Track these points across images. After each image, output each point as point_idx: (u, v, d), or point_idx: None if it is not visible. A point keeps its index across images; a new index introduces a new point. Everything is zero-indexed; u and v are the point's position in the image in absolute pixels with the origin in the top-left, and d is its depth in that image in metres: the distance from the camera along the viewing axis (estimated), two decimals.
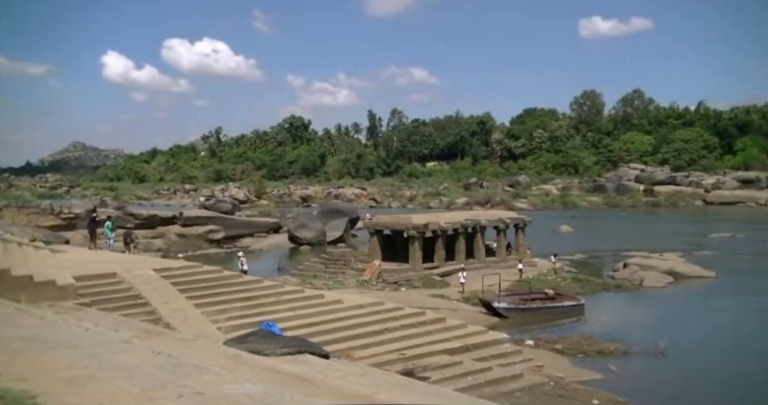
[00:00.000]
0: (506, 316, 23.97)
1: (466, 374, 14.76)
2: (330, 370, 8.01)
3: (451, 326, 17.67)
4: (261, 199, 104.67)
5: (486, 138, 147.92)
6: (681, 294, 29.36)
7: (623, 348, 19.29)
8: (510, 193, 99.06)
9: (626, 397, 14.81)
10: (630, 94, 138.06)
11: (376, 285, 29.36)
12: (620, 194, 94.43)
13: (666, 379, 17.10)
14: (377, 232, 34.01)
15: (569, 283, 30.42)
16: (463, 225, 33.53)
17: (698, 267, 33.82)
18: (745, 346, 20.29)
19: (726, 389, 16.35)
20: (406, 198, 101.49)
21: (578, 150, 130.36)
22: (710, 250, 42.36)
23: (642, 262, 34.21)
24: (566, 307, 25.28)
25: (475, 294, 26.49)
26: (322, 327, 15.41)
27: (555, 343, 19.97)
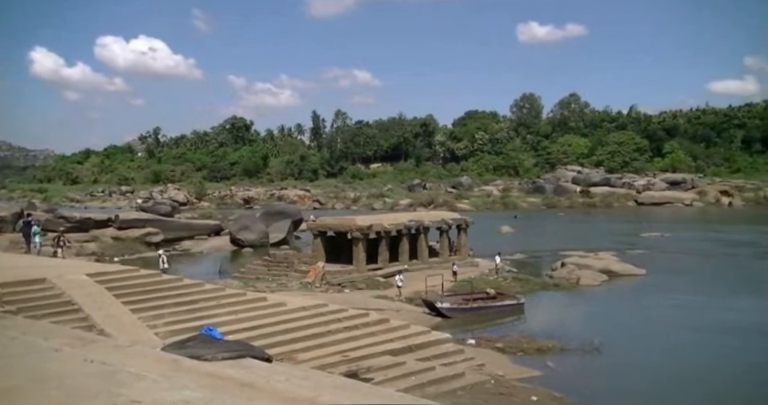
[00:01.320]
0: (448, 316, 24.28)
1: (410, 375, 14.86)
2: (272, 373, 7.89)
3: (395, 327, 17.76)
4: (201, 201, 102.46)
5: (429, 139, 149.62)
6: (614, 292, 30.47)
7: (560, 345, 19.85)
8: (453, 194, 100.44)
9: (562, 393, 15.25)
10: (567, 98, 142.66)
11: (320, 287, 29.20)
12: (558, 195, 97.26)
13: (601, 375, 17.74)
14: (320, 234, 33.85)
15: (509, 283, 31.07)
16: (407, 226, 33.77)
17: (631, 266, 35.19)
18: (673, 342, 21.26)
19: (656, 382, 17.06)
20: (350, 199, 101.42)
21: (518, 152, 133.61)
22: (642, 248, 44.16)
23: (578, 262, 35.33)
24: (507, 306, 25.83)
25: (418, 295, 26.73)
26: (264, 330, 15.21)
27: (496, 342, 20.37)
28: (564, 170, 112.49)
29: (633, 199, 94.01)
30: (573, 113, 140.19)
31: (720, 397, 15.74)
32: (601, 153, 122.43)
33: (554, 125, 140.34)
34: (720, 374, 17.47)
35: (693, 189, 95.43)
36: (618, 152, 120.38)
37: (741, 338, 21.10)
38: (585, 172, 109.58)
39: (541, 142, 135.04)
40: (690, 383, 16.85)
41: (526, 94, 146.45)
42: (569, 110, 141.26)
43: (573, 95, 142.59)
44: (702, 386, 16.51)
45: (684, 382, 16.97)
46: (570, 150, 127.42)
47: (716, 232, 55.48)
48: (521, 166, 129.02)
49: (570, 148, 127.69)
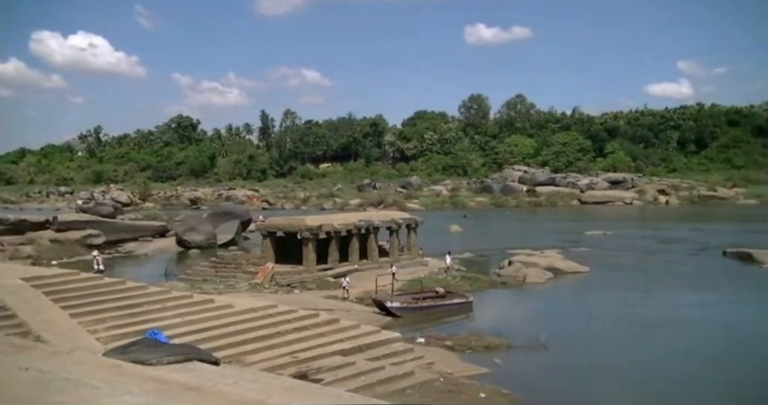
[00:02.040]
0: (398, 315, 24.39)
1: (360, 374, 14.88)
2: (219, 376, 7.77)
3: (345, 327, 17.75)
4: (146, 202, 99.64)
5: (379, 139, 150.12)
6: (559, 290, 31.24)
7: (508, 342, 20.21)
8: (403, 194, 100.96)
9: (510, 389, 15.54)
10: (514, 99, 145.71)
11: (269, 288, 28.88)
12: (505, 194, 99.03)
13: (547, 371, 18.14)
14: (270, 234, 33.47)
15: (458, 281, 31.44)
16: (357, 226, 33.76)
17: (575, 263, 36.16)
18: (616, 337, 21.95)
19: (601, 377, 17.61)
20: (300, 199, 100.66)
21: (467, 152, 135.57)
22: (585, 246, 45.45)
23: (525, 260, 36.05)
24: (456, 305, 26.11)
25: (368, 295, 26.76)
26: (212, 333, 14.96)
27: (445, 340, 20.58)
28: (511, 170, 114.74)
29: (577, 198, 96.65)
30: (519, 114, 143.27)
31: (662, 390, 16.33)
32: (546, 153, 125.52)
33: (501, 125, 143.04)
34: (662, 368, 18.11)
35: (633, 188, 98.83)
36: (562, 152, 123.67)
37: (681, 333, 22.00)
38: (531, 172, 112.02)
39: (488, 143, 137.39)
40: (633, 378, 17.42)
41: (474, 95, 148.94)
42: (515, 110, 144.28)
43: (519, 96, 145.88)
44: (644, 380, 17.09)
45: (627, 376, 17.54)
46: (516, 150, 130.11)
47: (654, 230, 57.67)
48: (469, 166, 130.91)
49: (517, 148, 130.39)
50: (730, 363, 18.44)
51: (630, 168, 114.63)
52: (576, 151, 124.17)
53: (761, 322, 24.19)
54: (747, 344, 20.64)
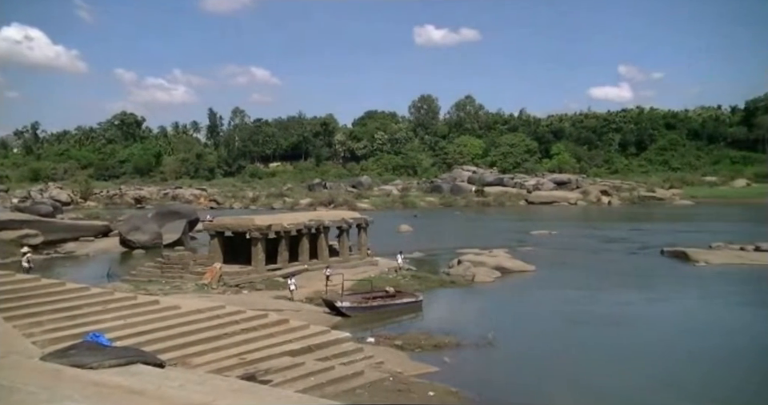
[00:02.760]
0: (348, 315, 24.37)
1: (309, 375, 14.78)
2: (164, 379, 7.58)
3: (294, 328, 17.61)
4: (87, 201, 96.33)
5: (329, 139, 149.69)
6: (507, 288, 31.82)
7: (456, 341, 20.46)
8: (353, 193, 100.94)
9: (458, 387, 15.73)
10: (463, 100, 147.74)
11: (216, 288, 28.36)
12: (455, 194, 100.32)
13: (494, 368, 18.48)
14: (218, 234, 32.90)
15: (408, 281, 31.63)
16: (307, 226, 33.54)
17: (522, 262, 36.91)
18: (561, 335, 22.46)
19: (547, 374, 18.00)
20: (249, 199, 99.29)
21: (417, 152, 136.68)
22: (532, 245, 46.47)
23: (473, 259, 36.58)
24: (406, 304, 26.26)
25: (318, 295, 26.64)
26: (156, 335, 14.58)
27: (395, 340, 20.68)
28: (460, 170, 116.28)
29: (524, 198, 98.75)
30: (468, 115, 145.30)
31: (605, 385, 16.84)
32: (494, 154, 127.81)
33: (450, 126, 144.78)
34: (604, 364, 18.69)
35: (577, 189, 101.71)
36: (510, 153, 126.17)
37: (623, 329, 22.73)
38: (480, 172, 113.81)
39: (438, 143, 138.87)
40: (577, 373, 17.89)
41: (424, 96, 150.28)
42: (464, 111, 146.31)
43: (468, 98, 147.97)
44: (588, 376, 17.59)
45: (571, 372, 17.98)
46: (465, 150, 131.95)
47: (597, 229, 59.47)
48: (419, 165, 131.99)
49: (466, 149, 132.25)
50: (668, 357, 19.17)
51: (574, 169, 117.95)
52: (523, 152, 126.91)
53: (696, 318, 25.28)
54: (684, 339, 21.52)
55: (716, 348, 20.24)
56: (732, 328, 23.36)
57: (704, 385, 16.76)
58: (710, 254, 38.56)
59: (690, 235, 49.19)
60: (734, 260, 37.20)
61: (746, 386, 16.75)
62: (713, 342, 21.00)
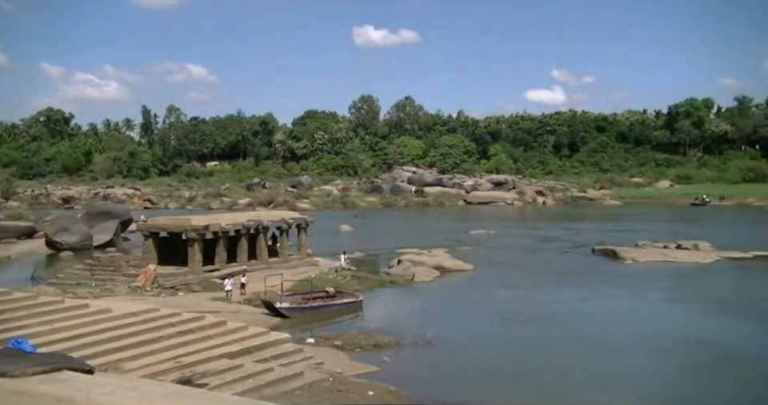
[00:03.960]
0: (288, 316, 24.14)
1: (247, 377, 14.54)
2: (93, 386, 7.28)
3: (232, 330, 17.29)
4: (9, 200, 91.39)
5: (269, 138, 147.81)
6: (446, 287, 32.26)
7: (396, 340, 20.60)
8: (293, 193, 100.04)
9: (397, 386, 15.84)
10: (402, 101, 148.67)
11: (150, 291, 27.52)
12: (395, 194, 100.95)
13: (432, 366, 18.70)
14: (152, 235, 31.92)
15: (349, 281, 31.60)
16: (245, 226, 33.02)
17: (460, 262, 37.51)
18: (498, 332, 23.00)
19: (483, 371, 18.38)
20: (185, 198, 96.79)
21: (357, 153, 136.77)
22: (470, 245, 47.30)
23: (413, 259, 36.90)
24: (346, 304, 26.23)
25: (258, 296, 26.28)
26: (86, 340, 14.01)
27: (335, 340, 20.63)
28: (400, 171, 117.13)
29: (462, 199, 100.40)
30: (408, 115, 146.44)
31: (541, 381, 17.33)
32: (434, 154, 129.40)
33: (390, 126, 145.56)
34: (539, 360, 19.19)
35: (514, 189, 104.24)
36: (449, 154, 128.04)
37: (557, 327, 23.43)
38: (419, 173, 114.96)
39: (378, 143, 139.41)
40: (514, 370, 18.33)
41: (365, 96, 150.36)
42: (404, 112, 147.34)
43: (408, 99, 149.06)
44: (524, 373, 18.04)
45: (508, 369, 18.41)
46: (405, 151, 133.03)
47: (533, 229, 61.18)
48: (359, 166, 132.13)
49: (406, 149, 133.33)
50: (600, 352, 19.95)
51: (511, 170, 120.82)
52: (462, 153, 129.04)
53: (624, 314, 26.41)
54: (614, 334, 22.42)
55: (642, 342, 21.16)
56: (657, 323, 24.55)
57: (632, 376, 17.51)
58: (637, 253, 40.31)
59: (619, 234, 51.30)
60: (658, 258, 39.04)
61: (669, 376, 17.63)
62: (639, 337, 21.94)
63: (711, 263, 37.78)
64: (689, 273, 35.67)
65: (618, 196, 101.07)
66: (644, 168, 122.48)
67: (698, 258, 38.50)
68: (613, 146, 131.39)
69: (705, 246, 41.81)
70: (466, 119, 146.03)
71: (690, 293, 30.40)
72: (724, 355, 19.41)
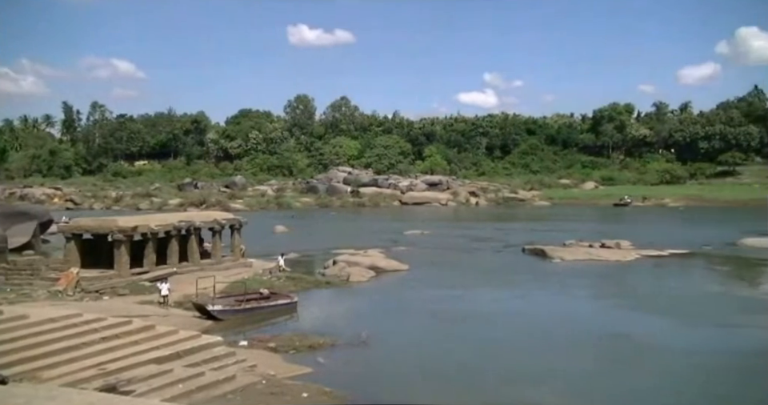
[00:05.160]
0: (220, 318, 23.62)
1: (177, 382, 14.11)
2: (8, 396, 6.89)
3: (161, 334, 16.75)
4: None
5: (201, 137, 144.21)
6: (381, 287, 32.39)
7: (331, 341, 20.50)
8: (226, 194, 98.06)
9: (332, 387, 15.76)
10: (338, 101, 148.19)
11: (73, 295, 26.25)
12: (330, 195, 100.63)
13: (367, 366, 18.73)
14: (75, 236, 30.47)
15: (283, 282, 31.25)
16: (176, 227, 32.07)
17: (396, 262, 37.77)
18: (433, 331, 23.24)
19: (417, 369, 18.54)
20: (112, 199, 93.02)
21: (292, 153, 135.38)
22: (405, 245, 47.70)
23: (349, 259, 36.88)
24: (280, 306, 25.93)
25: (189, 298, 25.58)
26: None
27: (269, 342, 20.33)
28: (336, 171, 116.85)
29: (398, 199, 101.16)
30: (344, 116, 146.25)
31: (474, 380, 17.63)
32: (369, 155, 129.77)
33: (326, 126, 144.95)
34: (473, 359, 19.47)
35: (448, 190, 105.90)
36: (384, 155, 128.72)
37: (489, 325, 23.93)
38: (355, 173, 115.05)
39: (314, 143, 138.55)
40: (447, 369, 18.55)
41: (300, 96, 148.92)
42: (340, 113, 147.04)
43: (343, 99, 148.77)
44: (458, 371, 18.29)
45: (442, 368, 18.61)
46: (341, 151, 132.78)
47: (466, 229, 62.34)
48: (295, 166, 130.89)
49: (342, 149, 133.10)
50: (533, 350, 20.51)
51: (445, 171, 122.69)
52: (397, 154, 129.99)
53: (553, 311, 27.28)
54: (543, 331, 23.13)
55: (571, 338, 21.90)
56: (583, 319, 25.50)
57: (563, 371, 18.09)
58: (564, 252, 41.78)
59: (548, 234, 53.01)
60: (584, 256, 40.59)
61: (597, 370, 18.35)
62: (568, 333, 22.72)
63: (632, 261, 39.61)
64: (612, 271, 37.25)
65: (546, 197, 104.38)
66: (571, 170, 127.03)
67: (620, 257, 40.28)
68: (542, 148, 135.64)
69: (626, 244, 43.84)
70: (401, 120, 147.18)
71: (613, 290, 31.73)
72: (645, 349, 20.40)
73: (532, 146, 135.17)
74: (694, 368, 18.36)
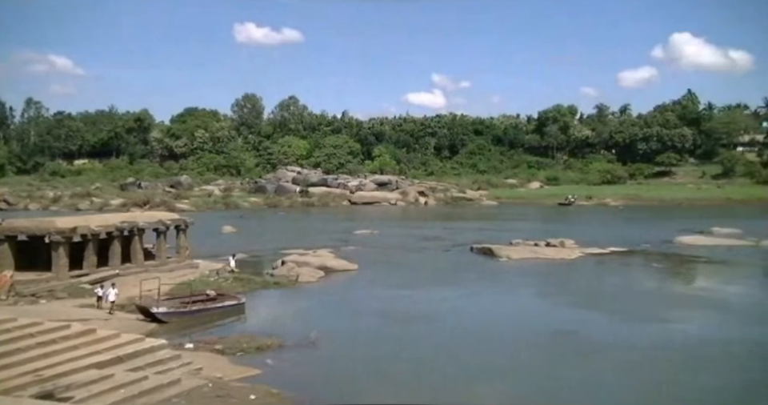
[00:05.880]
0: (165, 321, 23.09)
1: (118, 388, 13.70)
2: None
3: (102, 338, 16.24)
4: None
5: (145, 136, 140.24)
6: (330, 287, 32.29)
7: (279, 342, 20.34)
8: (172, 194, 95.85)
9: (280, 388, 15.63)
10: (287, 101, 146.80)
11: (6, 299, 25.15)
12: (279, 194, 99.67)
13: (316, 366, 18.64)
14: (9, 238, 29.16)
15: (231, 283, 30.79)
16: (119, 228, 31.14)
17: (345, 261, 37.72)
18: (381, 331, 23.32)
19: (364, 369, 18.60)
20: (49, 199, 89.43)
21: (240, 152, 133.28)
22: (354, 245, 47.69)
23: (298, 260, 36.62)
24: (228, 307, 25.55)
25: (132, 301, 24.88)
26: None
27: (215, 344, 20.01)
28: (285, 171, 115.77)
29: (347, 199, 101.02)
30: (293, 115, 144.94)
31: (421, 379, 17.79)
32: (318, 155, 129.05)
33: (275, 126, 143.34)
34: (421, 359, 19.64)
35: (397, 189, 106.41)
36: (334, 154, 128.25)
37: (437, 324, 24.17)
38: (304, 173, 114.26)
39: (262, 143, 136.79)
40: (397, 367, 18.65)
41: (248, 95, 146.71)
42: (288, 112, 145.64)
43: (292, 98, 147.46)
44: (405, 370, 18.40)
45: (390, 368, 18.69)
46: (290, 151, 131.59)
47: (415, 228, 62.79)
48: (243, 165, 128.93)
49: (290, 149, 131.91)
50: (481, 348, 20.84)
51: (394, 171, 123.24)
52: (346, 154, 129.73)
53: (500, 309, 27.86)
54: (491, 328, 23.57)
55: (518, 335, 22.43)
56: (529, 317, 26.13)
57: (506, 368, 18.48)
58: (511, 250, 42.64)
59: (495, 233, 53.96)
60: (530, 255, 41.53)
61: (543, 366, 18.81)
62: (515, 331, 23.27)
63: (576, 259, 40.78)
64: (556, 269, 38.24)
65: (494, 196, 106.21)
66: (517, 170, 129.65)
67: (564, 255, 41.41)
68: (489, 148, 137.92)
69: (570, 243, 45.13)
70: (351, 120, 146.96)
71: (558, 288, 32.58)
72: (588, 345, 21.06)
73: (479, 146, 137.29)
74: (634, 363, 19.04)
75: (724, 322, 24.43)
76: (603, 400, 16.21)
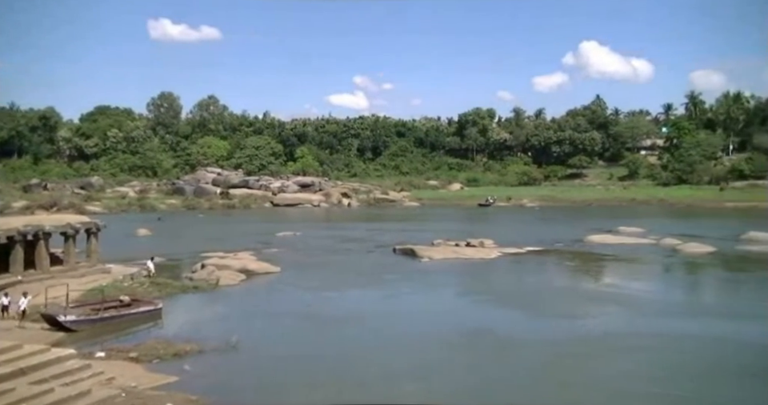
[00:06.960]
0: (74, 329, 21.92)
1: (20, 402, 12.88)
2: None
3: (1, 349, 15.17)
4: None
5: (51, 135, 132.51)
6: (252, 290, 31.74)
7: (198, 347, 19.78)
8: (82, 196, 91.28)
9: (199, 394, 15.20)
10: (206, 100, 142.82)
11: None
12: (198, 196, 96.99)
13: (237, 371, 18.25)
14: None
15: (147, 288, 29.68)
16: (21, 232, 29.30)
17: (267, 264, 37.19)
18: (303, 333, 23.15)
19: (286, 372, 18.37)
20: None
21: (157, 152, 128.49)
22: (277, 247, 47.08)
23: (218, 262, 35.79)
24: (143, 313, 24.62)
25: (36, 309, 23.41)
26: None
27: (129, 352, 19.21)
28: (204, 172, 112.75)
29: (269, 201, 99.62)
30: (212, 115, 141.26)
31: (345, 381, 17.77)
32: (240, 156, 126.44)
33: (193, 126, 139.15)
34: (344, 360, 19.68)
35: (320, 191, 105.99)
36: (255, 155, 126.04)
37: (361, 325, 24.25)
38: (224, 174, 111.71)
39: (180, 143, 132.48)
40: (319, 370, 18.53)
41: (165, 93, 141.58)
42: (208, 112, 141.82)
43: (211, 98, 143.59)
44: (328, 373, 18.33)
45: (314, 369, 18.58)
46: (209, 151, 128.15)
47: (339, 230, 62.73)
48: (159, 166, 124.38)
49: (210, 150, 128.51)
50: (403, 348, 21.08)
51: (317, 172, 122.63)
52: (269, 155, 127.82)
53: (421, 309, 28.24)
54: (413, 327, 23.86)
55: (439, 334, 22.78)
56: (450, 316, 26.63)
57: (428, 367, 18.78)
58: (433, 251, 43.40)
59: (417, 234, 54.75)
60: (451, 255, 42.43)
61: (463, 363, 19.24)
62: (435, 329, 23.61)
63: (494, 259, 42.02)
64: (476, 268, 39.24)
65: (416, 197, 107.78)
66: (439, 171, 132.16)
67: (484, 255, 42.58)
68: (411, 150, 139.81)
69: (489, 243, 46.48)
70: (273, 121, 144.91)
71: (477, 287, 33.40)
72: (505, 342, 21.75)
73: (402, 148, 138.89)
74: (550, 356, 19.83)
75: (630, 316, 25.86)
76: (522, 394, 16.76)
